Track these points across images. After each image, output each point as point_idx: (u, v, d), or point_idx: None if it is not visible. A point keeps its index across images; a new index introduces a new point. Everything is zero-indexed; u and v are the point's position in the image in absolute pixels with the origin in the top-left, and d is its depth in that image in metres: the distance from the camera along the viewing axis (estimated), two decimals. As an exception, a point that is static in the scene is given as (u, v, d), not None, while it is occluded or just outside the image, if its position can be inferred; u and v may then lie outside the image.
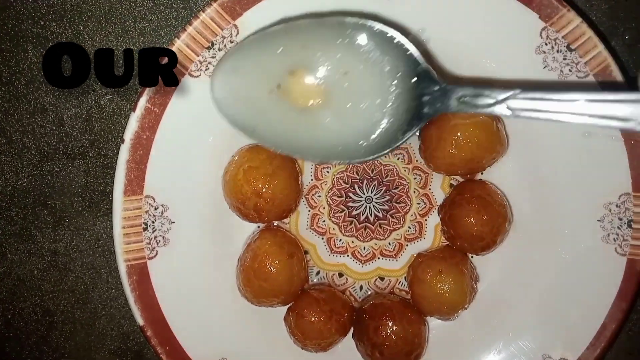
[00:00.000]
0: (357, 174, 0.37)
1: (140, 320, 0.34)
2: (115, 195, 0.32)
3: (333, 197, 0.37)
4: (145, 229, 0.33)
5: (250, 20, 0.31)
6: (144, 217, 0.33)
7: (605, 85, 0.32)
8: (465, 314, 0.36)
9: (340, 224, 0.37)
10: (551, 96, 0.28)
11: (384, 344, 0.35)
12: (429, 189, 0.37)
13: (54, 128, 0.38)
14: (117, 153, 0.37)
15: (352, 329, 0.37)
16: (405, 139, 0.30)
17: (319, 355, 0.36)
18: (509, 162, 0.35)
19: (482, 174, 0.36)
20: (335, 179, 0.37)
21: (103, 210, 0.38)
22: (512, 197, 0.36)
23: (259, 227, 0.37)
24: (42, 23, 0.37)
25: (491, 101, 0.28)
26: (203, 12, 0.31)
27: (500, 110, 0.28)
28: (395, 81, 0.30)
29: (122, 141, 0.32)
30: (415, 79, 0.30)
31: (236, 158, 0.34)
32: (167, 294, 0.34)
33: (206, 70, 0.32)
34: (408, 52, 0.29)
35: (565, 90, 0.28)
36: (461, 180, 0.36)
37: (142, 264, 0.33)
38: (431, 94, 0.29)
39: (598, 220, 0.35)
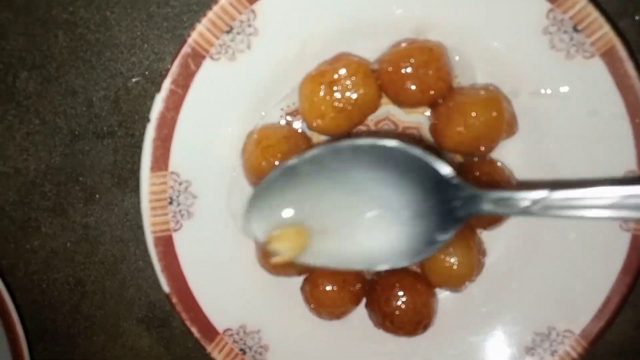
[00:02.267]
0: (370, 153, 0.38)
1: (166, 288, 0.36)
2: (143, 172, 0.35)
3: (347, 175, 0.38)
4: (170, 203, 0.35)
5: (267, 5, 0.33)
6: (169, 192, 0.35)
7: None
8: (473, 286, 0.38)
9: (353, 201, 0.39)
10: (585, 194, 0.27)
11: (394, 313, 0.37)
12: (439, 167, 0.38)
13: (84, 109, 0.40)
14: (144, 132, 0.40)
15: (364, 299, 0.38)
16: (445, 240, 0.30)
17: (333, 322, 0.38)
18: (517, 140, 0.36)
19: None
20: (349, 157, 0.38)
21: (131, 186, 0.41)
22: (519, 174, 0.37)
23: (276, 202, 0.38)
24: (71, 9, 0.39)
25: (525, 204, 0.28)
26: (223, -3, 0.32)
27: (535, 211, 0.28)
28: (421, 198, 0.30)
29: (149, 120, 0.34)
30: (444, 192, 0.29)
31: (254, 136, 0.36)
32: (191, 264, 0.36)
33: (225, 53, 0.34)
34: (435, 169, 0.29)
35: (598, 185, 0.27)
36: (470, 158, 0.37)
37: (167, 236, 0.36)
38: (463, 200, 0.29)
39: (603, 197, 0.36)
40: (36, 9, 0.39)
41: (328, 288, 0.37)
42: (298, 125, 0.37)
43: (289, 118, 0.37)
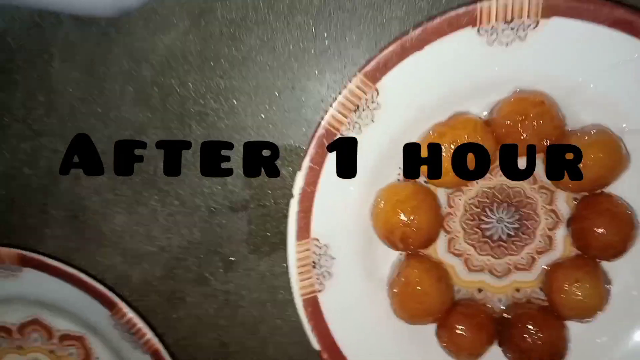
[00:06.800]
0: (487, 198, 0.41)
1: (317, 346, 0.39)
2: (289, 241, 0.38)
3: (467, 222, 0.41)
4: (314, 267, 0.39)
5: (388, 82, 0.37)
6: (312, 257, 0.39)
7: None
8: (600, 314, 0.40)
9: (475, 245, 0.41)
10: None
11: (532, 349, 0.39)
12: (555, 205, 0.40)
13: (219, 187, 0.44)
14: (273, 203, 0.44)
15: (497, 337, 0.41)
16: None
17: (472, 364, 0.40)
18: (630, 174, 0.38)
19: (604, 187, 0.39)
20: (467, 205, 0.41)
21: (265, 251, 0.45)
22: (636, 205, 0.39)
23: (401, 254, 0.42)
24: (202, 102, 0.43)
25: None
26: (350, 82, 0.36)
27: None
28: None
29: (292, 196, 0.38)
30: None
31: (383, 194, 0.39)
32: (335, 321, 0.40)
33: (353, 128, 0.38)
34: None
35: None
36: (585, 194, 0.40)
37: (314, 297, 0.39)
38: None
39: None
40: (171, 105, 0.44)
41: (466, 333, 0.39)
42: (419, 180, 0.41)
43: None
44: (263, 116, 0.43)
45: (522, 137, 0.37)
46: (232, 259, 0.45)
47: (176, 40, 0.42)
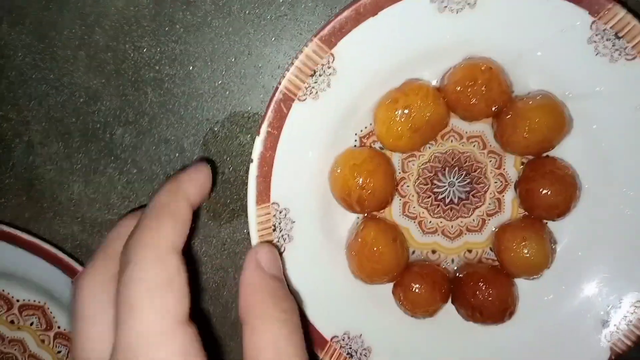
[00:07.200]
0: (439, 163, 0.42)
1: (277, 307, 0.40)
2: (250, 205, 0.39)
3: (420, 186, 0.43)
4: (274, 230, 0.40)
5: (342, 48, 0.37)
6: (273, 220, 0.40)
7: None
8: (546, 272, 0.42)
9: (428, 208, 0.43)
10: None
11: (483, 305, 0.41)
12: (504, 169, 0.42)
13: (177, 155, 0.44)
14: (232, 170, 0.44)
15: (450, 295, 0.43)
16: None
17: (426, 320, 0.42)
18: (573, 138, 0.40)
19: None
20: (420, 170, 0.43)
21: (225, 219, 0.45)
22: (579, 167, 0.41)
23: (358, 217, 0.43)
24: (157, 68, 0.43)
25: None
26: (306, 46, 0.37)
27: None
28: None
29: (251, 161, 0.38)
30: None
31: (340, 159, 0.40)
32: (296, 282, 0.41)
33: (310, 93, 0.38)
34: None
35: None
36: (531, 158, 0.42)
37: (274, 260, 0.40)
38: None
39: (656, 180, 0.40)
40: (125, 71, 0.43)
41: (420, 290, 0.41)
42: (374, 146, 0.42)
43: (364, 141, 0.42)
44: (219, 82, 0.43)
45: (471, 103, 0.38)
46: (192, 225, 0.46)
47: (129, 4, 0.42)
